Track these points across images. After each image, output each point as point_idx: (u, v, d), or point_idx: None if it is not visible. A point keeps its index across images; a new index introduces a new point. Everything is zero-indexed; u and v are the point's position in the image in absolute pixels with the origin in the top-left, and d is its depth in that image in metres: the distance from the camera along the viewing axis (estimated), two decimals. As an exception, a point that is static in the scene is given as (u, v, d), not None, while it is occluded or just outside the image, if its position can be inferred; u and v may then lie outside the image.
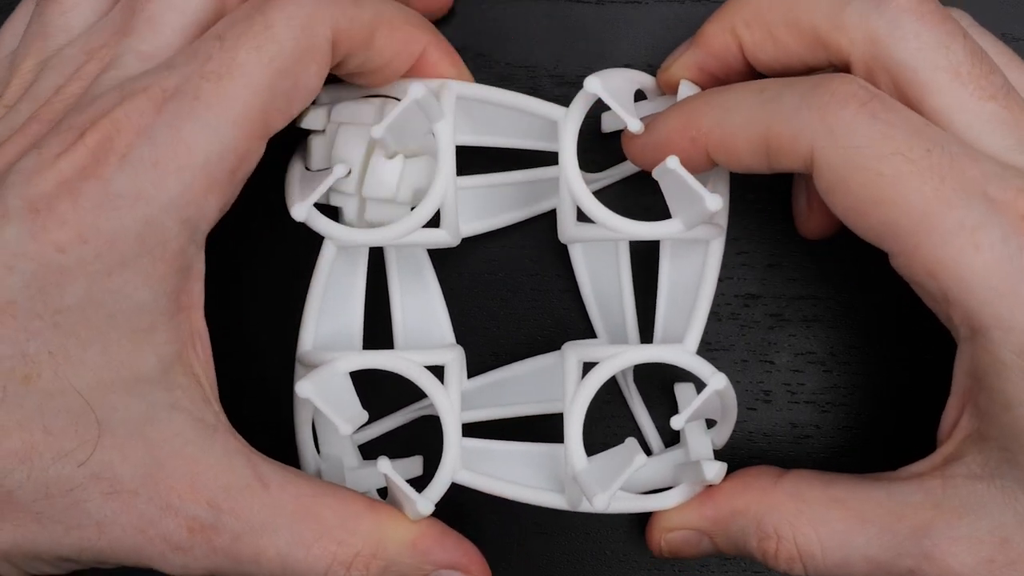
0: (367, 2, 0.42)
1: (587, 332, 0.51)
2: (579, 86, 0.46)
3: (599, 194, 0.49)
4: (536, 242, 0.51)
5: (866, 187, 0.39)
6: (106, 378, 0.39)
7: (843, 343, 0.51)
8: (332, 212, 0.46)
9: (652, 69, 0.48)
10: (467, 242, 0.50)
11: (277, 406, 0.48)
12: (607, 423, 0.51)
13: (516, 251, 0.51)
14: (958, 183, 0.38)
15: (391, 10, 0.44)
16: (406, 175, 0.45)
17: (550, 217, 0.50)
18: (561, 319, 0.51)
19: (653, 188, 0.44)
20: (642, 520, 0.50)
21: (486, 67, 0.51)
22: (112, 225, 0.38)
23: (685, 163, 0.42)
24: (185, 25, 0.42)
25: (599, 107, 0.46)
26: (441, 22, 0.51)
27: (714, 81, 0.46)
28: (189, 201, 0.39)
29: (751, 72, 0.45)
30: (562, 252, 0.51)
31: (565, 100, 0.46)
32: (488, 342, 0.51)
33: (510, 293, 0.51)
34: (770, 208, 0.51)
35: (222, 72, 0.39)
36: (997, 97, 0.41)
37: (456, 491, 0.46)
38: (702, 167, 0.43)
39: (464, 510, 0.50)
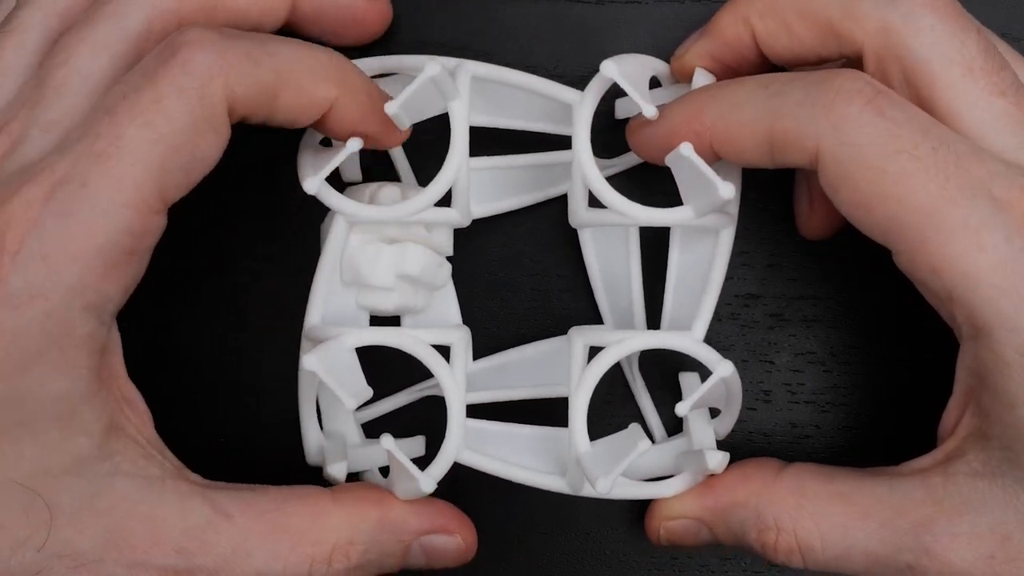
0: (267, 59, 0.41)
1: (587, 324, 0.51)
2: (579, 86, 0.46)
3: (611, 180, 0.49)
4: (537, 241, 0.51)
5: (871, 184, 0.39)
6: (44, 466, 0.39)
7: (843, 343, 0.51)
8: (344, 188, 0.46)
9: (657, 63, 0.48)
10: (467, 240, 0.50)
11: (285, 381, 0.48)
12: (611, 410, 0.51)
13: (516, 250, 0.51)
14: (963, 182, 0.38)
15: (295, 65, 0.42)
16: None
17: (552, 216, 0.51)
18: (562, 319, 0.51)
19: (665, 176, 0.44)
20: (642, 520, 0.50)
21: (486, 67, 0.51)
22: (15, 324, 0.38)
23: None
24: (92, 89, 0.41)
25: (613, 93, 0.46)
26: (441, 22, 0.51)
27: (727, 70, 0.46)
28: (88, 288, 0.39)
29: (764, 62, 0.45)
30: (563, 251, 0.51)
31: (565, 99, 0.46)
32: (488, 341, 0.51)
33: (510, 293, 0.51)
34: (770, 208, 0.51)
35: (111, 152, 0.38)
36: (1007, 94, 0.41)
37: (454, 491, 0.46)
38: (708, 161, 0.43)
39: (463, 509, 0.49)
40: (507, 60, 0.51)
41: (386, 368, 0.48)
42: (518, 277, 0.51)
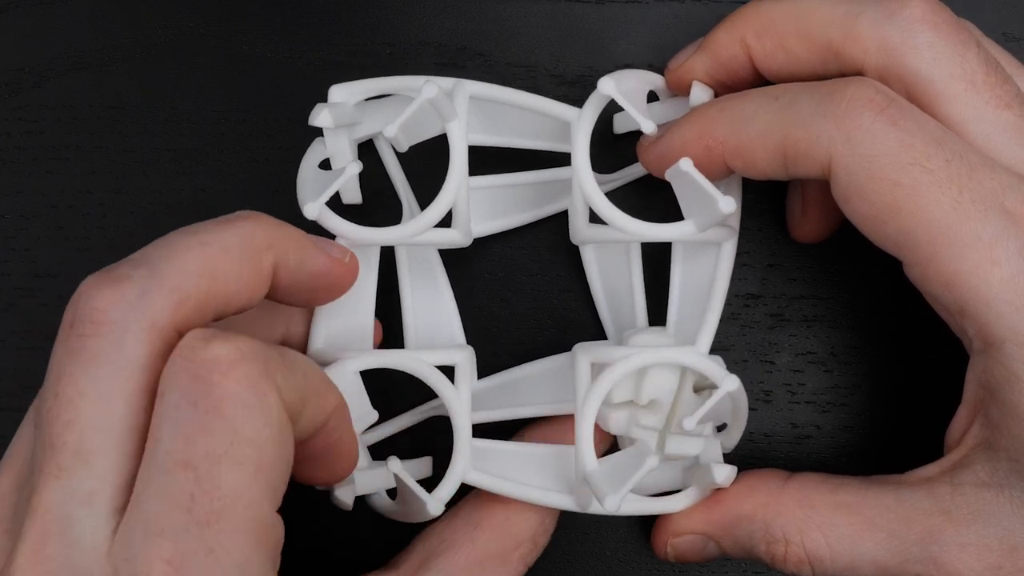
0: (297, 368, 0.37)
1: (588, 333, 0.51)
2: (579, 86, 0.46)
3: (611, 195, 0.49)
4: (537, 244, 0.51)
5: (883, 196, 0.39)
6: None
7: (843, 343, 0.51)
8: (343, 210, 0.46)
9: (653, 69, 0.48)
10: (468, 257, 0.50)
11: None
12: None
13: (517, 252, 0.51)
14: (976, 195, 0.38)
15: (317, 376, 0.39)
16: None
17: (552, 219, 0.50)
18: (562, 320, 0.51)
19: (665, 189, 0.44)
20: (642, 521, 0.50)
21: (486, 67, 0.51)
22: None
23: (701, 171, 0.42)
24: (118, 442, 0.36)
25: (612, 108, 0.46)
26: (440, 22, 0.51)
27: (722, 87, 0.46)
28: None
29: (759, 79, 0.45)
30: (563, 254, 0.51)
31: (566, 100, 0.46)
32: (489, 343, 0.51)
33: (511, 294, 0.51)
34: (770, 208, 0.51)
35: (217, 508, 0.34)
36: (1012, 106, 0.41)
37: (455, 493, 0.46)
38: (718, 175, 0.43)
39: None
40: (507, 60, 0.51)
41: (392, 389, 0.48)
42: (519, 293, 0.51)
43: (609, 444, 0.48)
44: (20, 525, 0.36)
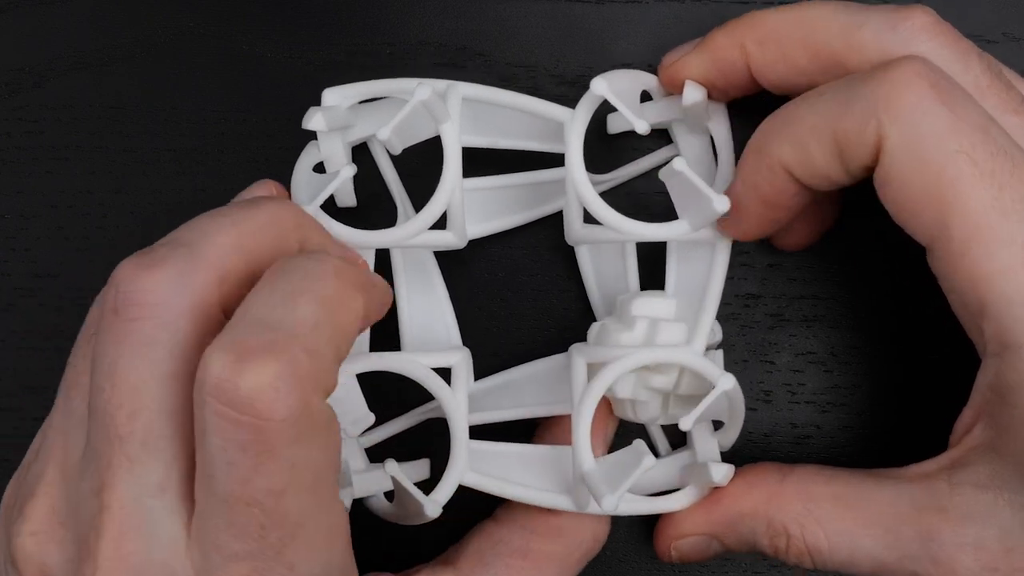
0: (321, 343, 0.36)
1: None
2: (579, 85, 0.46)
3: (605, 195, 0.49)
4: (536, 242, 0.51)
5: (926, 181, 0.38)
6: None
7: (843, 343, 0.51)
8: (338, 213, 0.46)
9: (652, 69, 0.48)
10: (463, 257, 0.50)
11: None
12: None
13: (516, 251, 0.51)
14: (1016, 194, 0.38)
15: (341, 317, 0.37)
16: None
17: (552, 219, 0.50)
18: (561, 319, 0.51)
19: (660, 189, 0.44)
20: (642, 521, 0.50)
21: (486, 67, 0.51)
22: None
23: (775, 196, 0.42)
24: (179, 426, 0.36)
25: (605, 108, 0.46)
26: (440, 22, 0.51)
27: (714, 90, 0.46)
28: None
29: (753, 87, 0.45)
30: (562, 252, 0.51)
31: (565, 100, 0.46)
32: (488, 342, 0.51)
33: (511, 293, 0.51)
34: (770, 208, 0.50)
35: (290, 532, 0.35)
36: (1020, 111, 0.41)
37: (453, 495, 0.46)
38: (793, 197, 0.42)
39: (462, 509, 0.49)
40: (507, 60, 0.51)
41: (388, 391, 0.48)
42: (519, 293, 0.51)
43: (607, 446, 0.48)
44: (82, 519, 0.36)
